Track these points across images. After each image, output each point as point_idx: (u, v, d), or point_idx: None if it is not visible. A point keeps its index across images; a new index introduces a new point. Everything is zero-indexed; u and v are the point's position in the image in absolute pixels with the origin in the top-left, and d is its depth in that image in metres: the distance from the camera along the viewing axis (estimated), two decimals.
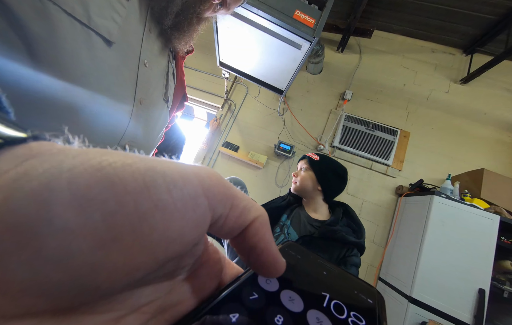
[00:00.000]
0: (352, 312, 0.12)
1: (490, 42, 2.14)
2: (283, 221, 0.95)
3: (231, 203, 0.11)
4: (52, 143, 0.08)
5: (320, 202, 0.95)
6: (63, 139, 0.09)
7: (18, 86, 0.26)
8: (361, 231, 0.89)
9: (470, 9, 1.98)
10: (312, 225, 0.90)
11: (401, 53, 2.50)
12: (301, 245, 0.17)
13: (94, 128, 0.35)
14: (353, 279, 0.15)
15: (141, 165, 0.08)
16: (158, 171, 0.08)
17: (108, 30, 0.33)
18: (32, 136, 0.08)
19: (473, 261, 1.44)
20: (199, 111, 3.00)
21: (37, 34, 0.26)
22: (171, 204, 0.08)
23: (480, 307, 1.34)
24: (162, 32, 0.45)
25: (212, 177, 0.10)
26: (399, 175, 2.15)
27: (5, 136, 0.08)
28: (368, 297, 0.13)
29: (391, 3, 2.21)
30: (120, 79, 0.37)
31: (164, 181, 0.08)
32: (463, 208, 1.54)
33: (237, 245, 0.12)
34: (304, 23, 1.15)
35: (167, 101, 0.51)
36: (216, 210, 0.10)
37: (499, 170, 1.90)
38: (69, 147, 0.08)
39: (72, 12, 0.29)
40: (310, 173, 0.95)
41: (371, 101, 2.41)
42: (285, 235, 0.90)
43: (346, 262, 0.80)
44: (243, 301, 0.11)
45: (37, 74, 0.27)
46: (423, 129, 2.24)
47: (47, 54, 0.27)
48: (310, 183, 0.93)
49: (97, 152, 0.08)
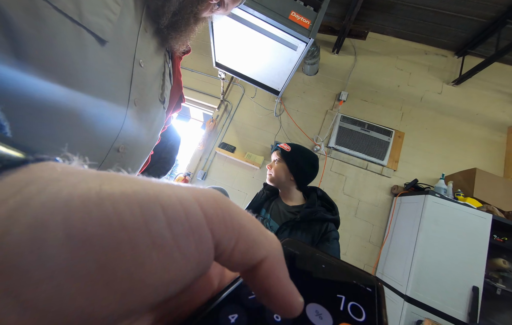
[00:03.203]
0: (351, 302, 0.12)
1: (481, 45, 2.19)
2: (262, 215, 0.98)
3: (238, 235, 0.09)
4: (53, 166, 0.08)
5: (294, 190, 0.98)
6: (63, 157, 0.09)
7: (2, 87, 0.25)
8: (334, 208, 0.95)
9: (461, 13, 2.03)
10: (291, 212, 0.94)
11: (395, 54, 2.53)
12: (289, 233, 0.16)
13: (86, 130, 0.34)
14: (352, 270, 0.15)
15: (141, 196, 0.08)
16: (158, 202, 0.08)
17: (101, 28, 0.32)
18: (32, 159, 0.08)
19: (466, 259, 1.46)
20: (195, 112, 2.98)
21: (25, 31, 0.25)
22: (171, 240, 0.08)
23: (474, 304, 1.36)
24: (158, 31, 0.45)
25: (216, 204, 0.09)
26: (394, 175, 2.18)
27: (4, 158, 0.07)
28: (367, 286, 0.14)
29: (385, 6, 2.24)
30: (113, 79, 0.36)
31: (164, 214, 0.08)
32: (456, 207, 1.57)
33: (246, 279, 0.10)
34: (300, 24, 1.16)
35: (164, 102, 0.50)
36: (220, 243, 0.09)
37: (491, 169, 1.95)
38: (69, 172, 0.08)
39: (63, 8, 0.27)
40: (283, 164, 0.97)
41: (366, 102, 2.44)
42: (267, 228, 0.91)
43: (328, 238, 0.86)
44: (242, 302, 0.11)
45: (24, 74, 0.26)
46: (417, 129, 2.28)
47: (35, 52, 0.26)
48: (283, 173, 0.96)
49: (97, 178, 0.08)
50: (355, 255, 2.03)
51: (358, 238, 2.07)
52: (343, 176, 2.24)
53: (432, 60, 2.46)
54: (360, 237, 2.07)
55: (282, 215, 0.94)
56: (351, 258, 2.01)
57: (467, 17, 2.04)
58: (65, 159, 0.09)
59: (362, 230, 2.08)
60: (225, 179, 2.36)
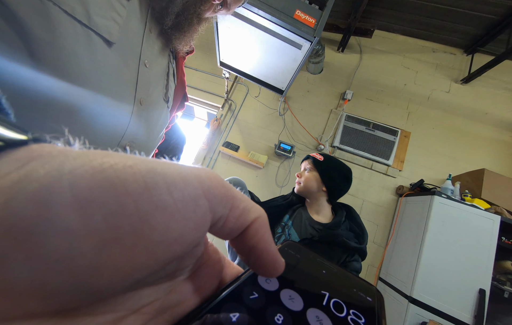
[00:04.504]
0: (352, 310, 0.12)
1: (491, 42, 2.14)
2: (285, 221, 0.94)
3: (231, 204, 0.11)
4: (52, 145, 0.08)
5: (324, 203, 0.93)
6: (64, 141, 0.09)
7: (18, 86, 0.26)
8: (363, 235, 0.86)
9: (471, 9, 1.98)
10: (313, 227, 0.87)
11: (402, 53, 2.49)
12: None
13: (94, 128, 0.35)
14: (353, 278, 0.15)
15: (142, 167, 0.08)
16: (158, 173, 0.08)
17: (108, 30, 0.33)
18: (32, 139, 0.08)
19: (473, 261, 1.43)
20: (199, 111, 3.00)
21: (37, 35, 0.26)
22: (172, 204, 0.08)
23: (480, 307, 1.34)
24: (163, 32, 0.45)
25: (212, 178, 0.10)
26: (400, 175, 2.15)
27: (5, 138, 0.08)
28: (368, 295, 0.13)
29: (392, 3, 2.21)
30: (120, 79, 0.37)
31: (164, 182, 0.08)
32: (463, 208, 1.54)
33: (236, 245, 0.12)
34: (305, 23, 1.15)
35: (167, 101, 0.51)
36: (216, 211, 0.10)
37: (500, 170, 1.90)
38: (69, 149, 0.08)
39: (72, 12, 0.29)
40: (315, 173, 0.92)
41: (371, 101, 2.41)
42: (285, 235, 0.90)
43: (346, 267, 0.78)
44: (243, 301, 0.11)
45: (37, 74, 0.27)
46: (423, 129, 2.24)
47: (47, 54, 0.27)
48: (315, 183, 0.91)
49: (98, 154, 0.08)
50: None
51: None
52: None
53: (440, 58, 2.41)
54: None
55: (303, 226, 0.89)
56: None
57: (476, 14, 1.99)
58: (66, 144, 0.09)
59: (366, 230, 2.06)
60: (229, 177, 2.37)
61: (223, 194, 0.10)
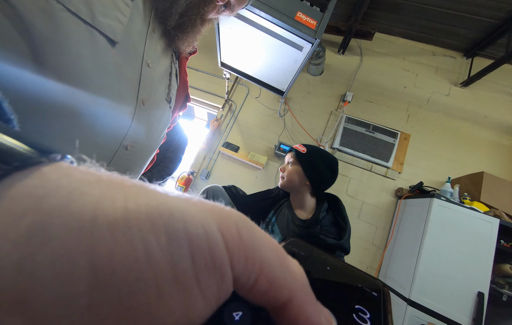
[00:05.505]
0: (357, 306, 0.12)
1: (490, 46, 2.15)
2: (269, 217, 0.90)
3: (259, 270, 0.09)
4: (67, 167, 0.08)
5: (307, 197, 0.87)
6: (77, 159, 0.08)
7: (20, 86, 0.26)
8: (346, 229, 0.79)
9: (470, 13, 1.99)
10: (295, 224, 0.84)
11: (402, 55, 2.50)
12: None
13: (96, 128, 0.35)
14: (358, 273, 0.15)
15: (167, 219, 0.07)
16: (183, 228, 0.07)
17: (112, 30, 0.33)
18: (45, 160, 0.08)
19: (472, 264, 1.44)
20: (199, 111, 3.00)
21: (41, 34, 0.26)
22: (193, 277, 0.07)
23: (479, 310, 1.34)
24: (166, 32, 0.45)
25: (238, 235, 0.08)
26: (399, 177, 2.15)
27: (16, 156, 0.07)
28: (373, 290, 0.13)
29: (392, 6, 2.22)
30: (123, 79, 0.37)
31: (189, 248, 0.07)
32: (462, 211, 1.55)
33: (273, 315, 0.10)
34: (306, 25, 1.16)
35: (170, 101, 0.51)
36: (239, 280, 0.08)
37: (499, 173, 1.91)
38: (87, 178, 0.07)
39: (77, 11, 0.28)
40: (297, 167, 0.86)
41: (371, 103, 2.42)
42: (269, 233, 0.88)
43: None
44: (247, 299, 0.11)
45: (40, 74, 0.27)
46: (423, 131, 2.25)
47: (50, 53, 0.27)
48: (297, 178, 0.86)
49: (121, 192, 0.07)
50: (358, 257, 2.02)
51: (361, 240, 2.05)
52: (347, 177, 2.23)
53: (440, 61, 2.42)
54: (363, 239, 2.05)
55: (286, 224, 0.85)
56: (354, 260, 2.00)
57: (476, 18, 2.01)
58: (77, 162, 0.08)
59: (365, 232, 2.07)
60: (228, 178, 2.37)
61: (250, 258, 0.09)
